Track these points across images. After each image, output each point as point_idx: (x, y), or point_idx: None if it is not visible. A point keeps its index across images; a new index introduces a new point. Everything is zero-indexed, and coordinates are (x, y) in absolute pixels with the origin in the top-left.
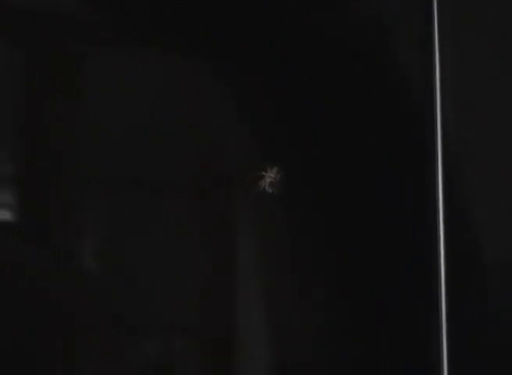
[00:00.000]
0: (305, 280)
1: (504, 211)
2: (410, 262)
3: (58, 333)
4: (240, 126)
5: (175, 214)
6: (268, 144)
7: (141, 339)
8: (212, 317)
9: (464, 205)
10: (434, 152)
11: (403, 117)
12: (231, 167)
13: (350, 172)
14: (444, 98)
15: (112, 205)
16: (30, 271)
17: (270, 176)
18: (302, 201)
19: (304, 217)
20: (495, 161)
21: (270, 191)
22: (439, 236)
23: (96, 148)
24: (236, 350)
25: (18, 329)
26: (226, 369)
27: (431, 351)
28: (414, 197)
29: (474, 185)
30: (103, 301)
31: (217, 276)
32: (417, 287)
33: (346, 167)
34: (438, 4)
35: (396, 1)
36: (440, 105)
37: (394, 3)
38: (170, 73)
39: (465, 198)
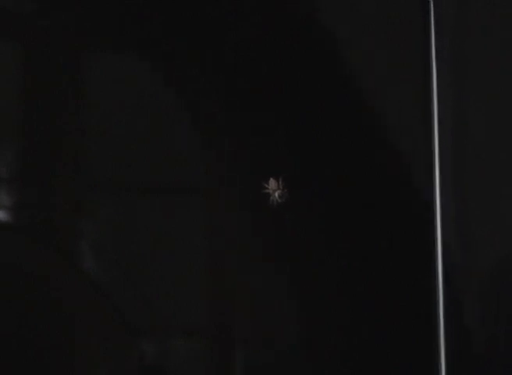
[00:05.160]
0: (304, 281)
1: (502, 216)
2: (408, 263)
3: (57, 333)
4: (241, 128)
5: (174, 215)
6: (266, 144)
7: (141, 339)
8: (212, 318)
9: (461, 206)
10: (432, 158)
11: (400, 123)
12: (232, 168)
13: (347, 172)
14: (442, 101)
15: (111, 205)
16: (30, 271)
17: (279, 189)
18: (302, 201)
19: (304, 217)
20: (494, 160)
21: (280, 201)
22: (437, 239)
23: (95, 148)
24: (236, 351)
25: (17, 329)
26: (226, 370)
27: (428, 354)
28: (412, 201)
29: (473, 187)
30: (103, 301)
31: (218, 277)
32: (415, 292)
33: (343, 172)
34: (435, 5)
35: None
36: (437, 109)
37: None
38: (171, 73)
39: (462, 201)
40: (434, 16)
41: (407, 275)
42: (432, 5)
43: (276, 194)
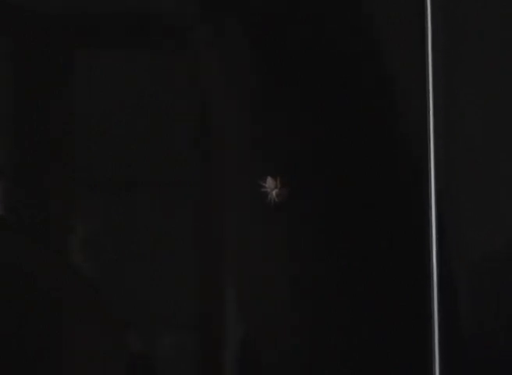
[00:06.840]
0: (302, 280)
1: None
2: (407, 263)
3: (57, 333)
4: (240, 127)
5: (168, 213)
6: (266, 144)
7: (140, 339)
8: (202, 315)
9: (456, 204)
10: (427, 159)
11: (399, 121)
12: (231, 167)
13: (345, 172)
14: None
15: (111, 205)
16: (30, 271)
17: (277, 187)
18: (300, 200)
19: (302, 217)
20: (491, 156)
21: (278, 200)
22: (433, 239)
23: (95, 147)
24: (227, 347)
25: (16, 329)
26: (216, 368)
27: (425, 353)
28: (410, 200)
29: (469, 185)
30: (103, 301)
31: (215, 276)
32: (413, 292)
33: (341, 171)
34: (432, 4)
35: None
36: (433, 105)
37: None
38: (171, 73)
39: (458, 199)
40: (431, 14)
41: (406, 274)
42: (428, 3)
43: (274, 193)
